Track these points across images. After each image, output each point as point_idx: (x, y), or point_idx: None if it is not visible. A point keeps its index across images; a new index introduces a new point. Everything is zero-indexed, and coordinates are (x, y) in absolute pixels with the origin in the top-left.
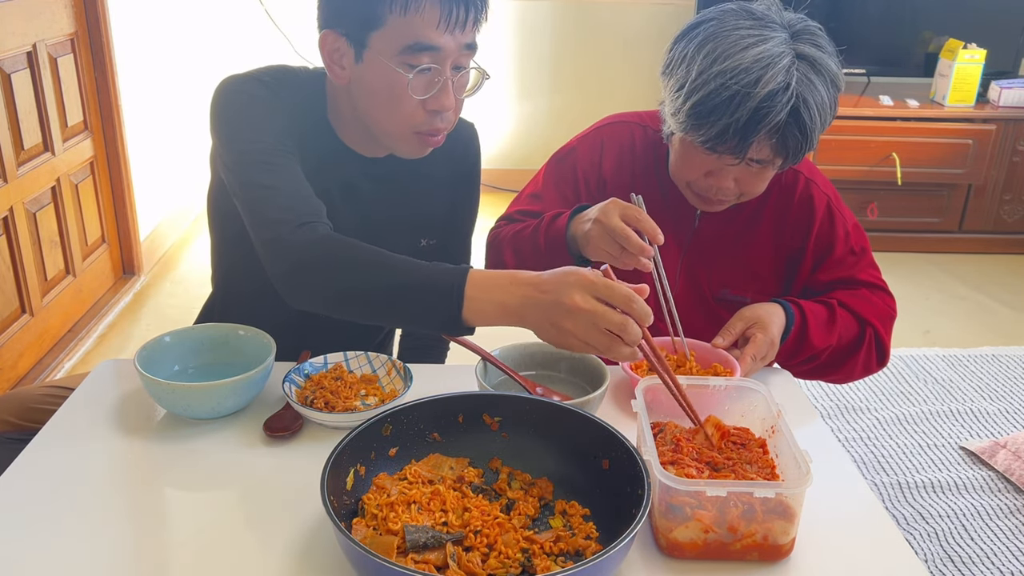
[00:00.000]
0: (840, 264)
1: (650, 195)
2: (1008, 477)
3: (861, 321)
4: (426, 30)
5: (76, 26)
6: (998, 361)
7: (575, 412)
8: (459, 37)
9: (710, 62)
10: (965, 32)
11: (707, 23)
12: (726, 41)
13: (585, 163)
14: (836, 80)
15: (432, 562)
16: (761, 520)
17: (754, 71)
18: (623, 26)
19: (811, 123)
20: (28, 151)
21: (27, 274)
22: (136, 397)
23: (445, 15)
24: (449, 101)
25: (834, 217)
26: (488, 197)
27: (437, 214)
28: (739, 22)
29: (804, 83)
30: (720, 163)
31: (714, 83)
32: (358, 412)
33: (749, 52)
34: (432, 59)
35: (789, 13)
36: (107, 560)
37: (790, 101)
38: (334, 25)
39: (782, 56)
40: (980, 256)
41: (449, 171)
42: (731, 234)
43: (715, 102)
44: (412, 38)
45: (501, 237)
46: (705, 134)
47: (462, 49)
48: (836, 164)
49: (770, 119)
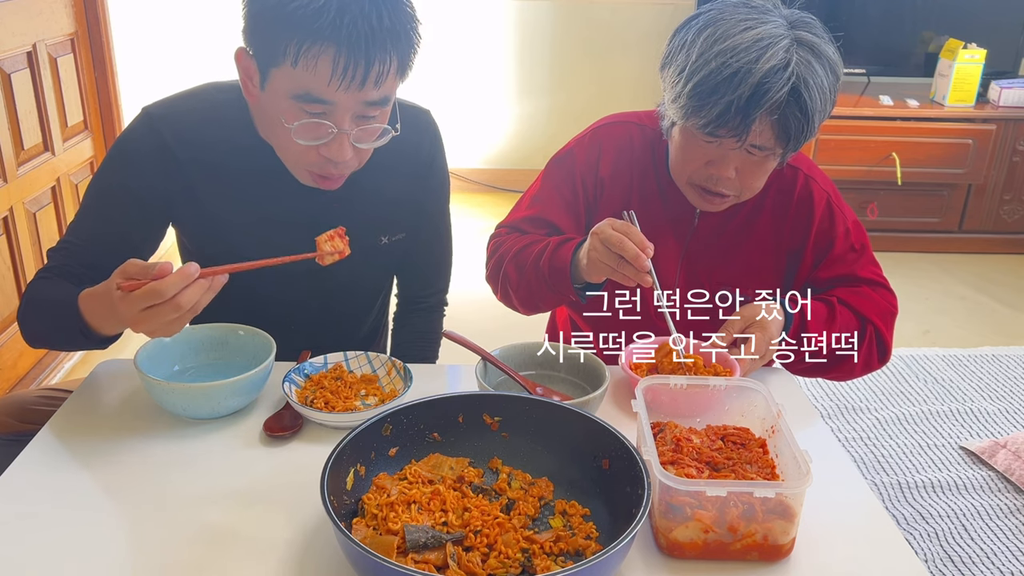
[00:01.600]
0: (840, 261)
1: (648, 194)
2: (1008, 477)
3: (861, 318)
4: (317, 84)
5: (76, 26)
6: (998, 361)
7: (575, 412)
8: (358, 95)
9: (710, 43)
10: (965, 32)
11: (706, 12)
12: (725, 24)
13: (583, 165)
14: (835, 67)
15: (432, 562)
16: (761, 520)
17: (754, 50)
18: (623, 26)
19: (811, 104)
20: (28, 151)
21: (27, 274)
22: (136, 397)
23: (339, 74)
24: (341, 154)
25: (834, 214)
26: (488, 197)
27: (397, 210)
28: (737, 10)
29: (804, 64)
30: (721, 150)
31: (715, 62)
32: (358, 412)
33: (748, 33)
34: (324, 110)
35: (787, 9)
36: (107, 560)
37: (790, 79)
38: (248, 45)
39: (781, 38)
40: (980, 256)
41: (403, 166)
42: (730, 232)
43: (716, 80)
44: (303, 89)
45: (503, 250)
46: (707, 115)
47: (363, 105)
48: (836, 164)
49: (771, 95)
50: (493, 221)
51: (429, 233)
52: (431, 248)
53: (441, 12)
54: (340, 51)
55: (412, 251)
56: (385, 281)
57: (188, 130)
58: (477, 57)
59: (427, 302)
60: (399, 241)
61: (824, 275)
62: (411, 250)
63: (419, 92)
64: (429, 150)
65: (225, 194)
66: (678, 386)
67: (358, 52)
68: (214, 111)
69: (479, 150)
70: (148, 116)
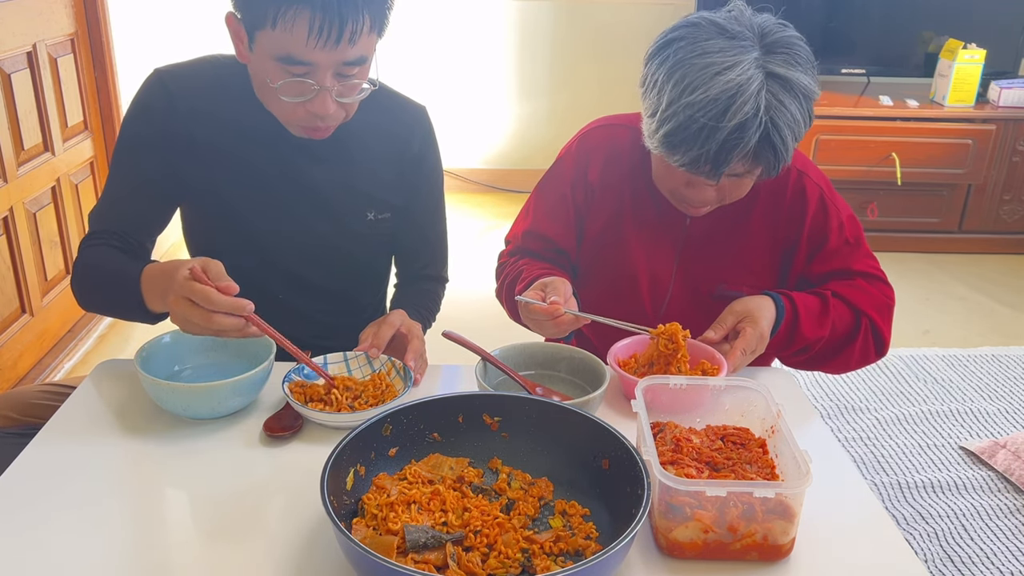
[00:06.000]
0: (835, 255)
1: (640, 197)
2: (1008, 477)
3: (856, 311)
4: (296, 45)
5: (76, 26)
6: (998, 361)
7: (575, 412)
8: (333, 54)
9: (679, 92)
10: (965, 32)
11: (678, 43)
12: (695, 68)
13: (572, 173)
14: (809, 93)
15: (432, 562)
16: (761, 520)
17: (722, 101)
18: (623, 26)
19: (783, 143)
20: (28, 151)
21: (27, 274)
22: (136, 397)
23: (315, 33)
24: (324, 108)
25: (827, 209)
26: (488, 197)
27: (384, 191)
28: (709, 42)
29: (774, 106)
30: (698, 178)
31: (683, 115)
32: (358, 412)
33: (718, 80)
34: (306, 70)
35: (761, 17)
36: (107, 559)
37: (760, 127)
38: (236, 9)
39: (751, 81)
40: (980, 256)
41: (392, 150)
42: (724, 230)
43: (685, 134)
44: (283, 50)
45: (503, 279)
46: (679, 160)
47: (340, 65)
48: (836, 164)
49: (741, 147)
50: (493, 221)
51: (421, 218)
52: (423, 233)
53: (441, 12)
54: (315, 12)
55: (403, 233)
56: (379, 260)
57: (193, 86)
58: (477, 57)
59: (424, 272)
60: (385, 220)
61: (819, 269)
62: (402, 232)
63: (420, 92)
64: (420, 145)
65: (226, 154)
66: (678, 386)
67: (331, 12)
68: (215, 70)
69: (479, 150)
70: (157, 73)
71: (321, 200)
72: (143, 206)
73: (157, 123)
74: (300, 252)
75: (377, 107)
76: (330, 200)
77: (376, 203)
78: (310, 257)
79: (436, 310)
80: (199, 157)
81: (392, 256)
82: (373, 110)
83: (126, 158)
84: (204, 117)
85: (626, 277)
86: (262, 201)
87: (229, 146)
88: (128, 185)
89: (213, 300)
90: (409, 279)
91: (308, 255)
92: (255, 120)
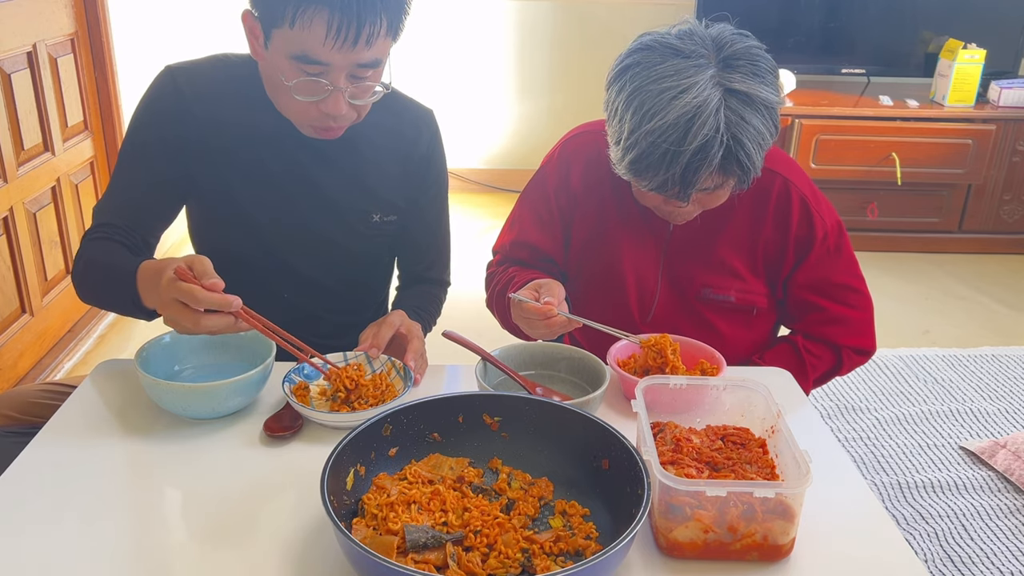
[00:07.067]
0: (817, 265)
1: (624, 203)
2: (1008, 477)
3: (834, 348)
4: (313, 45)
5: (76, 26)
6: (998, 361)
7: (575, 412)
8: (349, 55)
9: (639, 120)
10: (965, 32)
11: (633, 69)
12: (651, 95)
13: (554, 182)
14: (771, 104)
15: (432, 562)
16: (761, 520)
17: (681, 124)
18: (623, 26)
19: (748, 158)
20: (28, 151)
21: (27, 274)
22: (136, 397)
23: (332, 34)
24: (337, 108)
25: (812, 218)
26: (488, 197)
27: (390, 192)
28: (663, 65)
29: (735, 123)
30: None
31: (645, 142)
32: (358, 412)
33: (675, 105)
34: (321, 70)
35: (715, 28)
36: (107, 559)
37: (722, 145)
38: (253, 7)
39: (708, 101)
40: (980, 256)
41: (398, 150)
42: (706, 235)
43: (649, 160)
44: (299, 49)
45: (492, 288)
46: (647, 185)
47: (354, 67)
48: (836, 164)
49: (705, 167)
50: (493, 221)
51: (426, 221)
52: (427, 235)
53: (441, 12)
54: (333, 13)
55: (407, 235)
56: (384, 261)
57: (204, 85)
58: (477, 57)
59: (426, 275)
60: (391, 222)
61: (801, 278)
62: (406, 234)
63: (420, 92)
64: (428, 148)
65: (234, 153)
66: (678, 386)
67: (350, 13)
68: (226, 69)
69: (479, 150)
70: (169, 70)
71: (328, 200)
72: (150, 203)
73: (167, 121)
74: (306, 251)
75: (385, 109)
76: (337, 200)
77: (382, 204)
78: (316, 257)
79: (437, 314)
80: (207, 156)
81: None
82: (382, 112)
83: (135, 154)
84: (213, 115)
85: (613, 280)
86: (269, 200)
87: (237, 145)
88: (135, 182)
89: (199, 298)
90: (411, 281)
91: (314, 255)
92: (264, 120)
